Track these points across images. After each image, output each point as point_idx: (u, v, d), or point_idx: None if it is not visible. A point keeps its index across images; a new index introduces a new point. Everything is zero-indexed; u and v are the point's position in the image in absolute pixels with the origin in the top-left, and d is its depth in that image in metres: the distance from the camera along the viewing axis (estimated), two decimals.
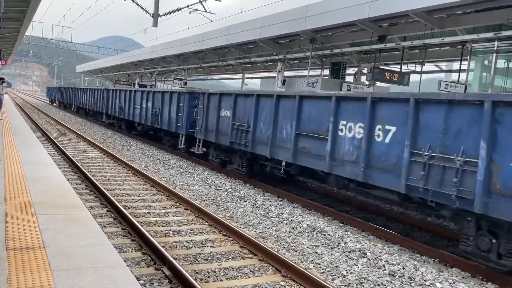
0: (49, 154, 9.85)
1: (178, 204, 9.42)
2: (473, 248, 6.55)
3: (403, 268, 6.46)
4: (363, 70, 21.54)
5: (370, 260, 6.79)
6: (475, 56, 16.28)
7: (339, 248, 7.30)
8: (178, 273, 5.35)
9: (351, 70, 22.93)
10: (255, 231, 7.91)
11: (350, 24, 14.87)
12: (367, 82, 17.75)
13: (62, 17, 41.71)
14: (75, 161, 12.84)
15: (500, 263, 6.22)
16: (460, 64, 16.17)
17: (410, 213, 10.02)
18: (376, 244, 7.56)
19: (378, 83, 17.76)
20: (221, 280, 5.62)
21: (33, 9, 17.97)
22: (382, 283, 5.91)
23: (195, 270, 5.80)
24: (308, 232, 8.08)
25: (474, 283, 6.20)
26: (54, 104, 54.16)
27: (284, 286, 5.56)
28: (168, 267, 5.63)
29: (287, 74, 23.98)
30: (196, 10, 21.64)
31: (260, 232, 7.86)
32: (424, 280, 6.09)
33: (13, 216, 4.67)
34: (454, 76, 19.26)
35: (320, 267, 6.37)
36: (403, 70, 16.54)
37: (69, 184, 6.64)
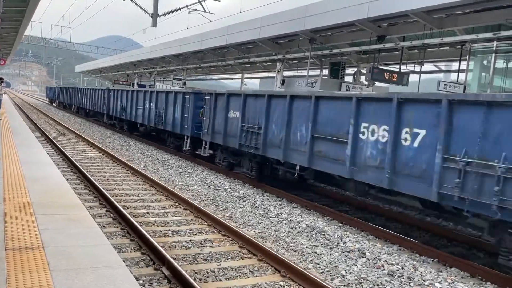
0: (48, 154, 9.83)
1: (177, 204, 9.42)
2: None
3: (402, 268, 6.46)
4: (362, 70, 21.54)
5: (369, 260, 6.80)
6: (474, 56, 16.29)
7: (338, 248, 7.31)
8: (177, 273, 5.35)
9: (350, 70, 22.94)
10: (254, 231, 7.91)
11: (349, 24, 14.88)
12: (366, 82, 17.74)
13: (61, 17, 41.79)
14: (74, 161, 12.83)
15: None
16: (459, 64, 16.18)
17: (409, 213, 10.03)
18: (375, 244, 7.57)
19: (377, 83, 17.77)
20: (220, 280, 5.62)
21: (32, 9, 17.95)
22: (381, 283, 5.92)
23: (194, 270, 5.80)
24: (307, 232, 8.09)
25: (473, 283, 6.21)
26: (54, 104, 53.61)
27: (283, 286, 5.56)
28: (167, 267, 5.63)
29: (286, 74, 23.98)
30: (195, 10, 21.66)
31: (259, 232, 7.87)
32: (423, 280, 6.10)
33: (12, 216, 4.66)
34: (453, 76, 19.27)
35: (319, 267, 6.37)
36: (402, 70, 16.55)
37: (68, 184, 6.63)
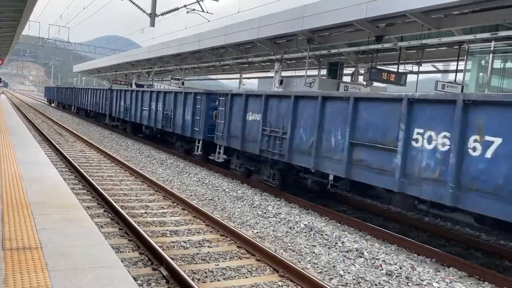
0: (46, 154, 9.81)
1: (175, 204, 9.42)
2: None
3: (400, 268, 6.47)
4: (360, 70, 21.55)
5: (367, 260, 6.81)
6: (472, 57, 16.32)
7: (336, 248, 7.32)
8: (176, 273, 5.35)
9: (348, 70, 22.95)
10: (253, 231, 7.91)
11: (348, 24, 14.88)
12: (364, 82, 17.76)
13: (59, 16, 41.69)
14: (72, 161, 12.81)
15: None
16: (457, 65, 16.18)
17: (407, 213, 10.04)
18: (374, 244, 7.58)
19: (375, 83, 17.78)
20: (218, 280, 5.62)
21: (29, 8, 17.90)
22: (380, 283, 5.92)
23: (192, 270, 5.80)
24: (305, 232, 8.09)
25: (471, 283, 6.22)
26: (53, 104, 53.06)
27: (282, 286, 5.57)
28: (166, 267, 5.63)
29: (285, 74, 23.99)
30: (194, 10, 21.64)
31: (257, 232, 7.87)
32: (421, 280, 6.11)
33: (9, 216, 4.65)
34: (451, 77, 19.32)
35: (317, 267, 6.38)
36: (400, 70, 16.57)
37: (66, 184, 6.61)
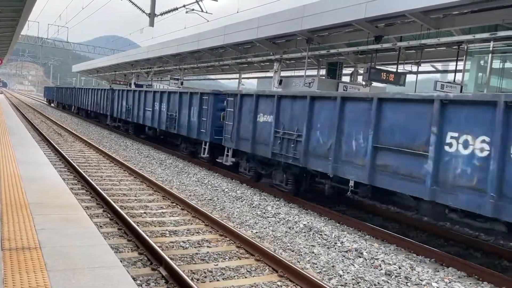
0: (44, 154, 9.80)
1: (174, 204, 9.41)
2: None
3: (400, 268, 6.48)
4: (359, 70, 21.56)
5: (366, 260, 6.81)
6: (471, 57, 16.34)
7: (335, 248, 7.32)
8: (175, 273, 5.35)
9: (347, 70, 22.97)
10: (252, 231, 7.91)
11: (347, 24, 14.89)
12: (364, 82, 17.78)
13: (58, 16, 41.65)
14: (71, 161, 12.80)
15: None
16: (456, 65, 16.20)
17: (406, 213, 10.05)
18: (373, 244, 7.58)
19: (375, 83, 17.80)
20: (217, 280, 5.62)
21: (28, 8, 17.86)
22: (379, 283, 5.93)
23: (191, 270, 5.80)
24: (304, 232, 8.09)
25: (470, 283, 6.23)
26: (52, 104, 52.55)
27: (281, 286, 5.57)
28: (165, 267, 5.63)
29: (284, 74, 23.99)
30: (193, 10, 21.65)
31: (256, 232, 7.87)
32: (420, 280, 6.11)
33: (8, 216, 4.65)
34: (450, 77, 19.35)
35: (316, 267, 6.38)
36: (399, 71, 16.58)
37: (65, 184, 6.61)
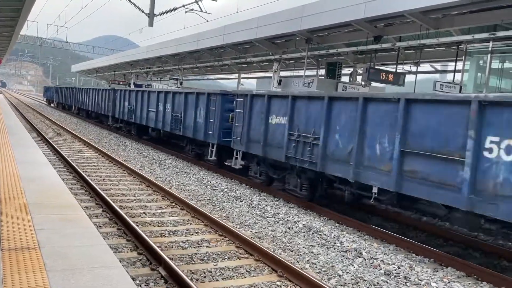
0: (44, 154, 9.79)
1: (174, 204, 9.41)
2: None
3: (399, 268, 6.48)
4: (358, 70, 21.58)
5: (365, 259, 6.82)
6: (470, 57, 16.36)
7: (335, 248, 7.32)
8: (174, 273, 5.34)
9: (346, 70, 22.99)
10: (251, 231, 7.91)
11: (346, 25, 14.90)
12: (363, 82, 17.80)
13: (57, 16, 41.63)
14: (70, 161, 12.79)
15: None
16: (455, 65, 16.22)
17: (405, 212, 10.06)
18: (372, 243, 7.59)
19: (374, 83, 17.82)
20: (217, 280, 5.62)
21: (28, 8, 17.85)
22: (378, 283, 5.93)
23: (191, 270, 5.80)
24: (304, 232, 8.10)
25: (469, 283, 6.24)
26: (52, 105, 52.08)
27: (280, 286, 5.57)
28: (164, 267, 5.63)
29: (283, 74, 24.00)
30: (192, 10, 21.65)
31: (256, 232, 7.87)
32: (420, 280, 6.12)
33: (8, 216, 4.64)
34: (449, 77, 19.36)
35: (316, 267, 6.38)
36: (398, 71, 16.60)
37: (64, 184, 6.60)
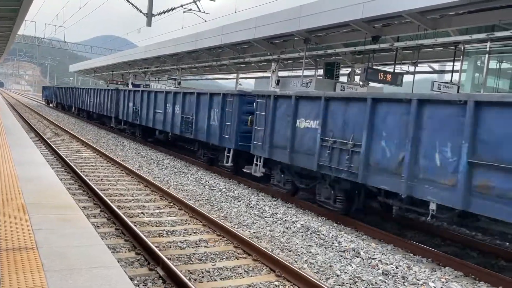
0: (41, 154, 9.77)
1: (172, 204, 9.40)
2: None
3: (397, 268, 6.49)
4: (356, 71, 21.61)
5: (363, 259, 6.82)
6: (467, 57, 16.38)
7: (333, 248, 7.33)
8: (172, 273, 5.34)
9: (345, 71, 23.01)
10: (249, 231, 7.91)
11: (344, 25, 14.92)
12: (361, 83, 17.81)
13: (55, 16, 41.52)
14: (68, 161, 12.77)
15: None
16: (453, 65, 16.27)
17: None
18: (370, 243, 7.60)
19: (372, 84, 17.84)
20: (215, 280, 5.62)
21: (25, 8, 17.81)
22: (376, 283, 5.94)
23: (189, 270, 5.80)
24: (302, 232, 8.10)
25: (467, 282, 6.25)
26: (51, 105, 51.43)
27: (278, 286, 5.57)
28: (162, 268, 5.62)
29: (281, 74, 24.01)
30: (190, 10, 21.62)
31: (254, 232, 7.87)
32: (417, 280, 6.13)
33: (5, 216, 4.63)
34: (447, 77, 19.37)
35: (314, 267, 6.39)
36: (396, 71, 16.63)
37: (62, 184, 6.59)
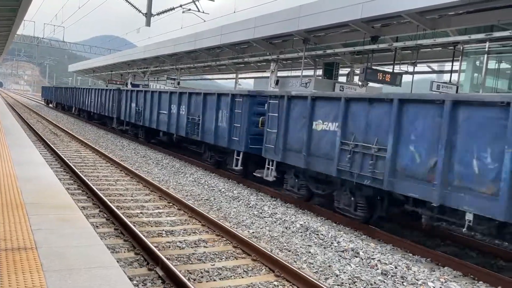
0: (40, 154, 9.76)
1: (171, 204, 9.40)
2: None
3: (396, 268, 6.50)
4: (355, 71, 21.63)
5: (363, 259, 6.83)
6: (466, 57, 16.41)
7: (332, 248, 7.33)
8: (171, 273, 5.34)
9: (344, 71, 23.02)
10: (249, 231, 7.92)
11: (343, 25, 14.93)
12: (360, 83, 17.83)
13: (54, 16, 41.50)
14: (67, 161, 12.76)
15: None
16: (452, 65, 16.27)
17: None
18: (369, 243, 7.60)
19: (371, 84, 17.86)
20: (214, 280, 5.62)
21: (24, 8, 17.80)
22: (375, 283, 5.94)
23: (188, 270, 5.80)
24: (301, 232, 8.10)
25: (466, 282, 6.26)
26: (50, 105, 51.14)
27: (278, 286, 5.57)
28: (161, 268, 5.62)
29: (280, 74, 24.02)
30: (189, 9, 21.62)
31: (253, 232, 7.87)
32: (416, 280, 6.14)
33: (4, 216, 4.63)
34: (446, 77, 19.39)
35: (313, 267, 6.39)
36: (395, 71, 16.64)
37: (61, 184, 6.59)
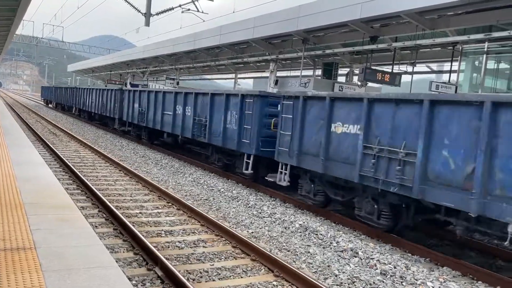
0: (39, 154, 9.76)
1: (170, 204, 9.40)
2: None
3: (395, 268, 6.51)
4: (355, 71, 21.63)
5: (362, 259, 6.84)
6: (465, 57, 16.42)
7: (331, 248, 7.34)
8: (171, 273, 5.34)
9: (343, 71, 23.02)
10: (248, 231, 7.92)
11: (342, 25, 14.93)
12: (359, 83, 17.83)
13: (53, 16, 41.51)
14: (66, 161, 12.76)
15: None
16: (451, 65, 16.28)
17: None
18: (368, 243, 7.61)
19: (370, 84, 17.86)
20: (213, 280, 5.62)
21: (23, 7, 17.78)
22: (374, 282, 5.95)
23: (187, 270, 5.80)
24: (300, 232, 8.11)
25: (465, 282, 6.27)
26: (50, 105, 50.92)
27: (277, 286, 5.58)
28: (161, 268, 5.62)
29: (280, 74, 24.02)
30: (189, 9, 21.62)
31: (252, 232, 7.87)
32: (415, 279, 6.14)
33: (3, 216, 4.63)
34: (445, 77, 19.42)
35: (312, 267, 6.40)
36: (394, 71, 16.64)
37: (60, 184, 6.58)
